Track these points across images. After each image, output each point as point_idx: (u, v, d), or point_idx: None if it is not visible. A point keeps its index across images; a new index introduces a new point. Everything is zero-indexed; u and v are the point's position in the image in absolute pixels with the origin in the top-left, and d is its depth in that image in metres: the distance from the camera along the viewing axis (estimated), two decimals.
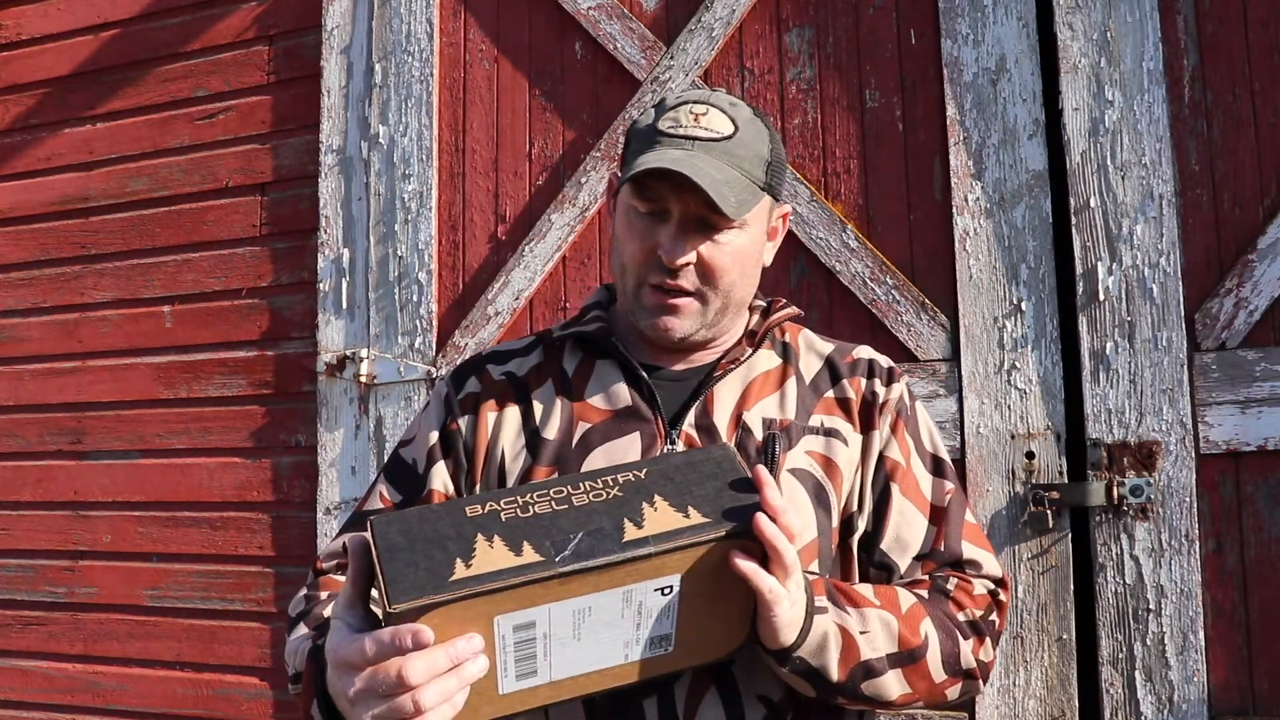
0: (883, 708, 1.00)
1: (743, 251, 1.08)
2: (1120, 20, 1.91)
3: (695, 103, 1.08)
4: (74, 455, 2.71)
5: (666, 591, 0.84)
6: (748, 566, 0.84)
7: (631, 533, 0.82)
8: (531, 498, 0.85)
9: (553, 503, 0.84)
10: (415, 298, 2.36)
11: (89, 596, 2.65)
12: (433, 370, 2.33)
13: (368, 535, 0.82)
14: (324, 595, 1.07)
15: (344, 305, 2.42)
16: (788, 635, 0.89)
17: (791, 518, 0.86)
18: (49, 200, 2.81)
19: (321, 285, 2.45)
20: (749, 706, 0.99)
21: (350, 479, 2.37)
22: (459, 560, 0.79)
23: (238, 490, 2.52)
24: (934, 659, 0.99)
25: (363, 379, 2.36)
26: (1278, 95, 1.85)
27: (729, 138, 1.05)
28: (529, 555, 0.80)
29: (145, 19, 2.75)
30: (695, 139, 1.04)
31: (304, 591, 1.09)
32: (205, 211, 2.63)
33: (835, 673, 0.94)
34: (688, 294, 1.07)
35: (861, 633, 0.95)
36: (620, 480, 0.86)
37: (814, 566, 1.04)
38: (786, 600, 0.87)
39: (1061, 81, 1.94)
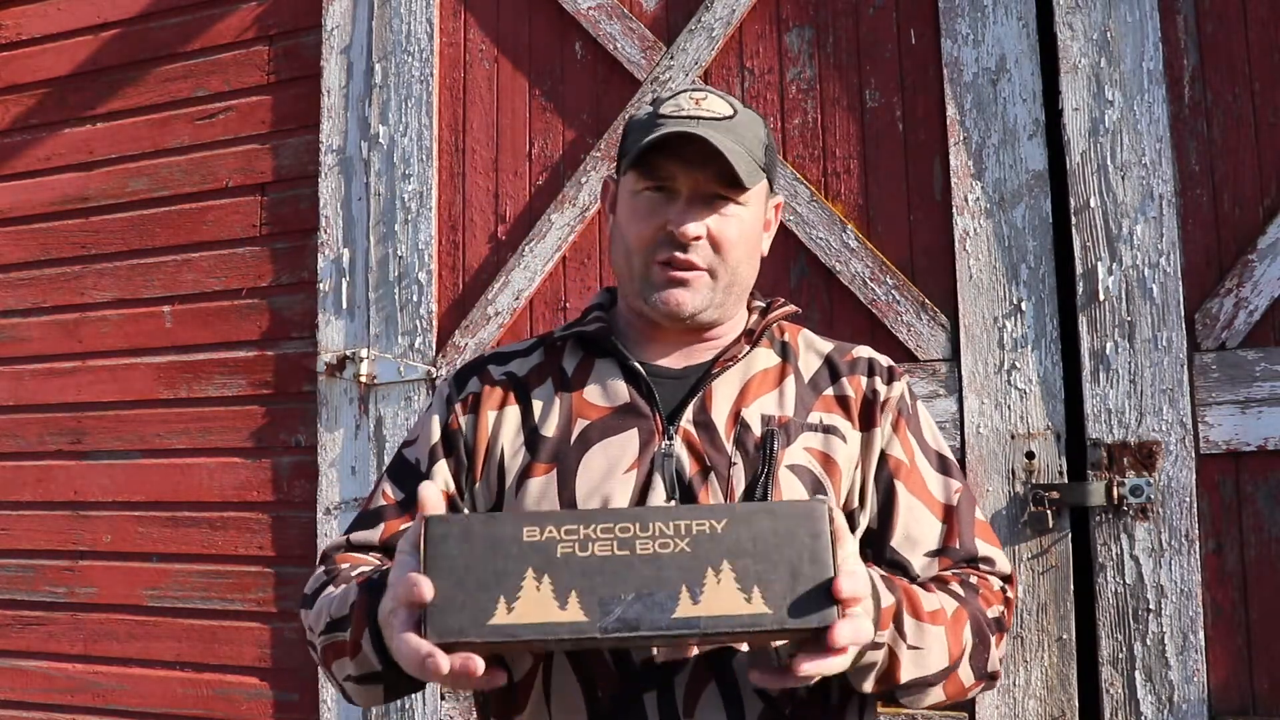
0: (907, 708, 1.02)
1: (748, 228, 1.11)
2: (1120, 20, 1.91)
3: (694, 90, 1.11)
4: (74, 455, 2.71)
5: None
6: (806, 666, 0.81)
7: (685, 608, 0.78)
8: (594, 532, 0.80)
9: (615, 545, 0.79)
10: (415, 298, 2.36)
11: (89, 596, 2.65)
12: (433, 370, 2.33)
13: (421, 530, 0.81)
14: (344, 565, 1.08)
15: (344, 305, 2.43)
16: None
17: (864, 621, 0.82)
18: (49, 200, 2.81)
19: (321, 285, 2.45)
20: (748, 702, 1.00)
21: (350, 479, 2.37)
22: (502, 599, 0.78)
23: (238, 490, 2.52)
24: (966, 666, 1.00)
25: (363, 379, 2.36)
26: (1278, 95, 1.85)
27: (730, 118, 1.08)
28: (573, 611, 0.77)
29: (145, 19, 2.75)
30: (699, 119, 1.06)
31: (321, 569, 1.10)
32: (205, 211, 2.63)
33: (868, 689, 0.95)
34: (698, 269, 1.08)
35: (914, 648, 0.94)
36: (694, 530, 0.80)
37: None
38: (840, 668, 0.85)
39: (1061, 81, 1.94)
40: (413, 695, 2.25)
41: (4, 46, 2.91)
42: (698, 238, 1.07)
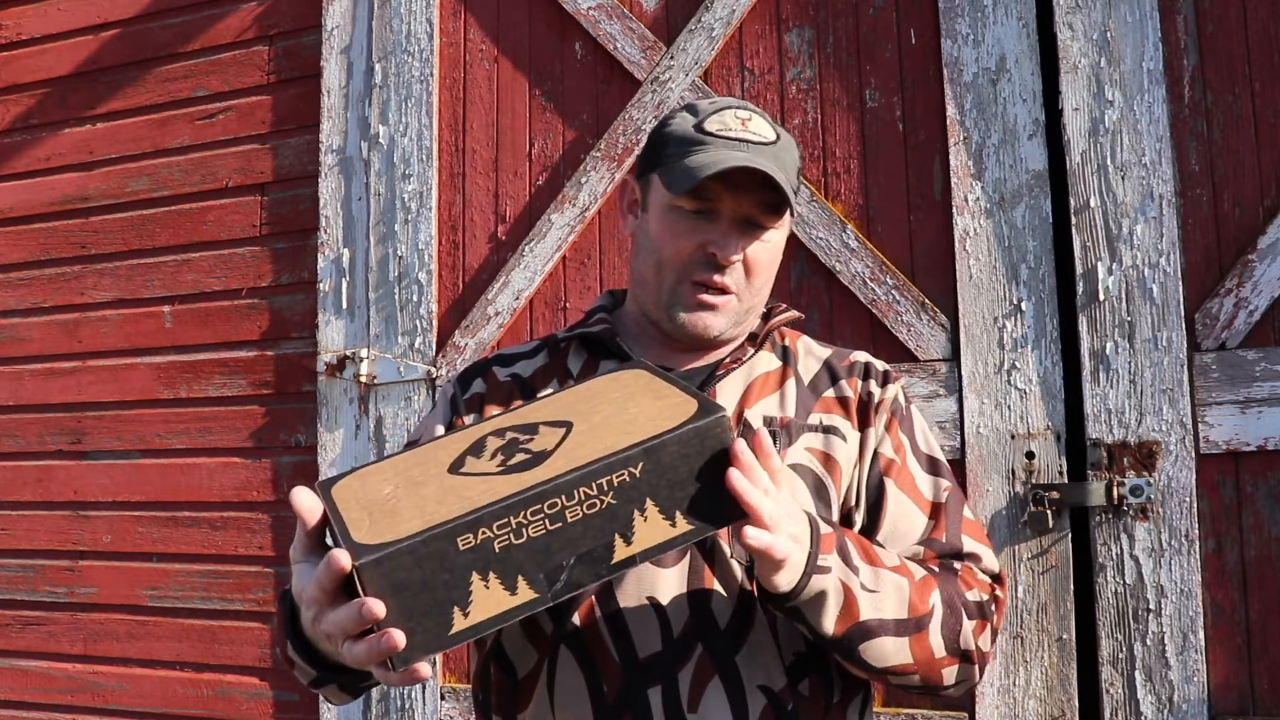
0: (878, 675, 1.00)
1: (776, 251, 1.13)
2: (1120, 20, 1.91)
3: (739, 108, 1.11)
4: (74, 455, 2.71)
5: None
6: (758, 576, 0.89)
7: (621, 551, 0.82)
8: (526, 516, 0.80)
9: (547, 521, 0.81)
10: (415, 298, 2.36)
11: (89, 596, 2.65)
12: (433, 370, 2.33)
13: (357, 578, 0.79)
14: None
15: (344, 305, 2.43)
16: (780, 585, 0.91)
17: (771, 508, 0.86)
18: (49, 200, 2.81)
19: (321, 285, 2.45)
20: (751, 697, 1.01)
21: None
22: (457, 610, 0.79)
23: (238, 490, 2.52)
24: (935, 632, 1.00)
25: (363, 379, 2.36)
26: (1278, 95, 1.85)
27: (774, 143, 1.09)
28: (524, 593, 0.80)
29: (145, 19, 2.75)
30: (749, 142, 1.07)
31: None
32: (205, 211, 2.63)
33: (830, 628, 0.94)
34: (728, 292, 1.10)
35: (869, 590, 0.95)
36: (615, 483, 0.82)
37: None
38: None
39: (1061, 81, 1.94)
40: (412, 695, 2.26)
41: (4, 46, 2.91)
42: (736, 262, 1.09)
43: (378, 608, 0.76)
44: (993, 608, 1.07)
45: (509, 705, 1.07)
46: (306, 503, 0.86)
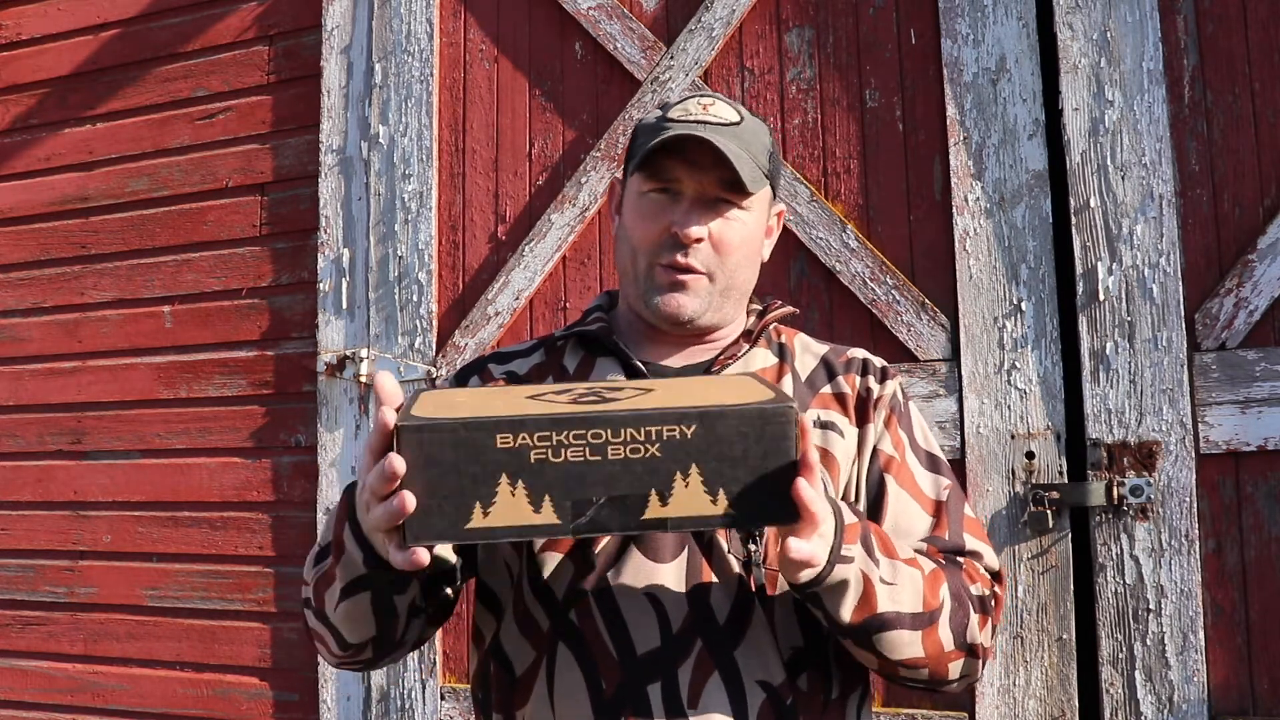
0: (889, 666, 1.00)
1: (749, 233, 1.12)
2: (1120, 20, 1.91)
3: (702, 96, 1.13)
4: (74, 455, 2.71)
5: None
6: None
7: (654, 509, 0.81)
8: (567, 438, 0.80)
9: (587, 450, 0.80)
10: (415, 298, 2.36)
11: (89, 596, 2.65)
12: (433, 370, 2.33)
13: (395, 438, 0.80)
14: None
15: (344, 305, 2.43)
16: (801, 577, 0.90)
17: (823, 511, 0.85)
18: (49, 200, 2.81)
19: (321, 285, 2.45)
20: (750, 692, 1.01)
21: (350, 479, 2.37)
22: (478, 505, 0.79)
23: (238, 490, 2.52)
24: (944, 625, 1.00)
25: (363, 379, 2.36)
26: (1278, 95, 1.85)
27: (737, 124, 1.10)
28: (546, 514, 0.80)
29: (145, 19, 2.75)
30: (706, 123, 1.08)
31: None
32: (205, 211, 2.63)
33: (847, 616, 0.94)
34: (697, 272, 1.10)
35: (888, 583, 0.95)
36: (664, 436, 0.81)
37: None
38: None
39: (1061, 81, 1.94)
40: (413, 695, 2.26)
41: (4, 46, 2.91)
42: (699, 240, 1.09)
43: (398, 463, 0.78)
44: (993, 604, 1.08)
45: (508, 703, 1.07)
46: (389, 385, 0.87)
